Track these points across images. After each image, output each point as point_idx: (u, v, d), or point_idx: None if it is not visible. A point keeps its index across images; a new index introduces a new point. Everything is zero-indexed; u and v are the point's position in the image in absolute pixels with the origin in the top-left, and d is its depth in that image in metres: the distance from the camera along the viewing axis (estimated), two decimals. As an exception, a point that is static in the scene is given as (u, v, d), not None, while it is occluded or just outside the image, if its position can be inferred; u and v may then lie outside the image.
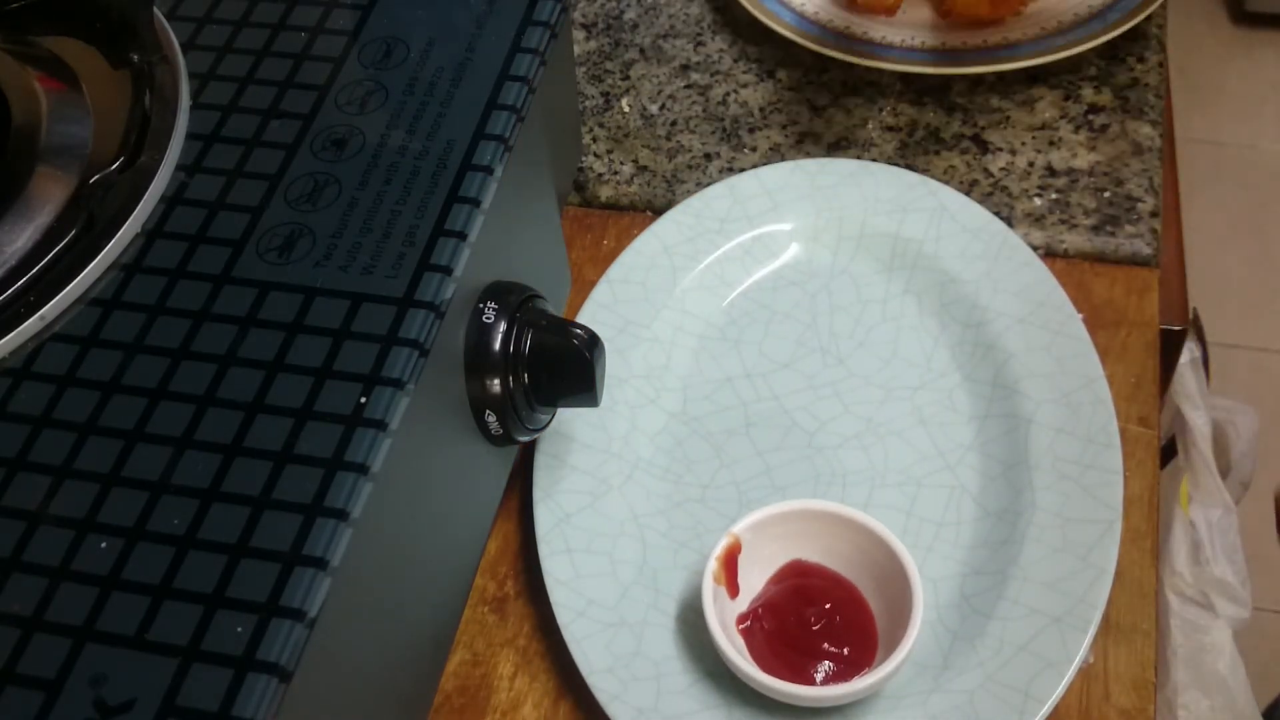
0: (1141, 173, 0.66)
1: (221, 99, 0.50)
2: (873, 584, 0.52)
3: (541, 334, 0.48)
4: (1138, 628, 0.53)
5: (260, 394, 0.41)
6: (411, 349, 0.42)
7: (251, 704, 0.35)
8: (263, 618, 0.36)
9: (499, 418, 0.48)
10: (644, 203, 0.69)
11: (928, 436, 0.58)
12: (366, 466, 0.39)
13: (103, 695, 0.35)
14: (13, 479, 0.40)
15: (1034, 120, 0.69)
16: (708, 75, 0.74)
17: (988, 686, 0.50)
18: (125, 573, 0.37)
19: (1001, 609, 0.52)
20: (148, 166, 0.47)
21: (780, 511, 0.53)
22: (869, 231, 0.63)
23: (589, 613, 0.54)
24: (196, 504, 0.39)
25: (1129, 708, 0.51)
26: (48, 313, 0.43)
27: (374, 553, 0.40)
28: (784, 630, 0.51)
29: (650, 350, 0.62)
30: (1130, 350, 0.61)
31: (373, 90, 0.49)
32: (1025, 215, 0.65)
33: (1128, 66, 0.71)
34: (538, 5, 0.52)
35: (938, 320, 0.61)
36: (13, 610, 0.37)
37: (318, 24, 0.52)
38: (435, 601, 0.48)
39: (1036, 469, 0.55)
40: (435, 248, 0.44)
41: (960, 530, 0.55)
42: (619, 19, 0.78)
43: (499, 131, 0.48)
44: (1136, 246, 0.64)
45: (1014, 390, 0.58)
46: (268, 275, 0.44)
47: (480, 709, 0.54)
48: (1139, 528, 0.55)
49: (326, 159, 0.47)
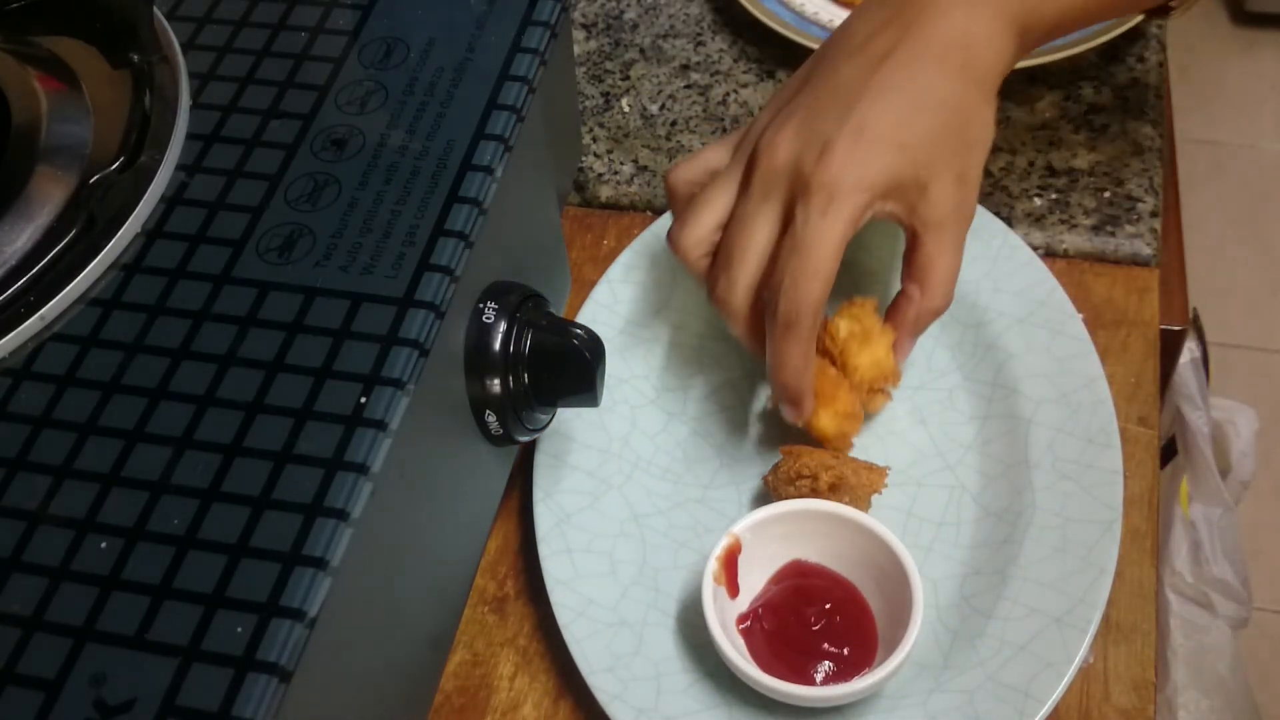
0: (1141, 173, 0.66)
1: (221, 99, 0.50)
2: (873, 584, 0.52)
3: (541, 334, 0.48)
4: (1138, 628, 0.53)
5: (260, 394, 0.41)
6: (411, 349, 0.42)
7: (251, 704, 0.35)
8: (263, 618, 0.36)
9: (499, 418, 0.48)
10: (644, 203, 0.69)
11: (928, 436, 0.58)
12: (366, 466, 0.39)
13: (103, 695, 0.35)
14: (13, 479, 0.40)
15: (1034, 120, 0.69)
16: (708, 75, 0.74)
17: (988, 686, 0.50)
18: (125, 573, 0.37)
19: (1001, 609, 0.52)
20: (148, 166, 0.47)
21: (780, 511, 0.53)
22: (868, 232, 0.63)
23: (589, 613, 0.54)
24: (196, 504, 0.39)
25: (1129, 708, 0.51)
26: (48, 313, 0.43)
27: (374, 553, 0.40)
28: (784, 630, 0.51)
29: (650, 350, 0.62)
30: (1130, 350, 0.61)
31: (373, 90, 0.49)
32: (1025, 215, 0.65)
33: (1128, 66, 0.71)
34: (538, 5, 0.52)
35: (938, 320, 0.61)
36: (13, 610, 0.37)
37: (318, 24, 0.52)
38: (435, 601, 0.48)
39: (1036, 469, 0.55)
40: (435, 248, 0.44)
41: (960, 530, 0.55)
42: (619, 19, 0.78)
43: (499, 131, 0.48)
44: (1136, 246, 0.64)
45: (1014, 390, 0.58)
46: (268, 275, 0.44)
47: (480, 709, 0.54)
48: (1139, 528, 0.55)
49: (326, 159, 0.47)
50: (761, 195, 0.52)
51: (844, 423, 0.55)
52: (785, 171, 0.52)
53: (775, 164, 0.52)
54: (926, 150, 0.51)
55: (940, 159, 0.52)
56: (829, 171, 0.50)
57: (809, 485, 0.53)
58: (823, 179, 0.50)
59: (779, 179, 0.52)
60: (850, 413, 0.55)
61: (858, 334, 0.56)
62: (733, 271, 0.53)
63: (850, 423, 0.55)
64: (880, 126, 0.51)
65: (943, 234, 0.53)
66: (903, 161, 0.51)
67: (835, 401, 0.55)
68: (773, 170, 0.52)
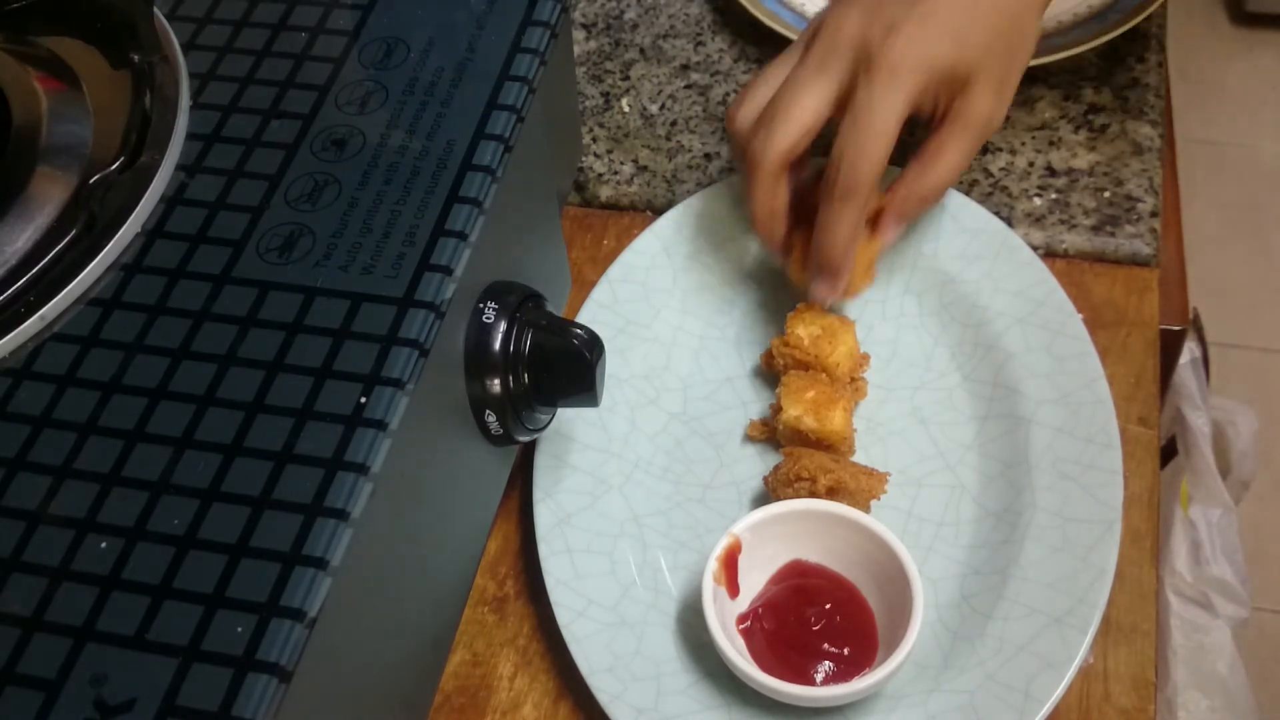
0: (1141, 173, 0.66)
1: (221, 99, 0.50)
2: (873, 584, 0.52)
3: (541, 334, 0.48)
4: (1138, 628, 0.53)
5: (260, 394, 0.41)
6: (411, 349, 0.42)
7: (251, 704, 0.35)
8: (263, 618, 0.36)
9: (499, 418, 0.48)
10: (644, 203, 0.69)
11: (928, 436, 0.58)
12: (366, 466, 0.39)
13: (103, 695, 0.35)
14: (13, 479, 0.40)
15: (1034, 120, 0.69)
16: (708, 75, 0.74)
17: (988, 686, 0.50)
18: (125, 573, 0.37)
19: (1001, 609, 0.52)
20: (148, 166, 0.47)
21: (780, 511, 0.53)
22: (869, 231, 0.63)
23: (589, 613, 0.54)
24: (196, 504, 0.39)
25: (1129, 708, 0.51)
26: (48, 313, 0.43)
27: (374, 553, 0.40)
28: (784, 630, 0.51)
29: (650, 350, 0.62)
30: (1130, 350, 0.61)
31: (373, 90, 0.49)
32: (1025, 215, 0.65)
33: (1128, 66, 0.71)
34: (538, 5, 0.52)
35: (938, 320, 0.61)
36: (13, 610, 0.37)
37: (318, 24, 0.52)
38: (435, 601, 0.48)
39: (1036, 469, 0.55)
40: (435, 248, 0.44)
41: (960, 530, 0.55)
42: (619, 19, 0.78)
43: (499, 131, 0.48)
44: (1136, 246, 0.64)
45: (1014, 390, 0.58)
46: (268, 275, 0.44)
47: (480, 709, 0.54)
48: (1139, 528, 0.55)
49: (326, 159, 0.47)
50: (819, 65, 0.55)
51: (845, 417, 0.56)
52: (849, 45, 0.54)
53: (840, 38, 0.54)
54: (981, 49, 0.54)
55: (990, 59, 0.54)
56: (895, 49, 0.53)
57: (807, 488, 0.53)
58: (889, 55, 0.53)
59: (842, 53, 0.54)
60: (848, 407, 0.56)
61: (822, 335, 0.58)
62: (774, 130, 0.55)
63: (846, 417, 0.56)
64: (946, 15, 0.53)
65: (966, 132, 0.55)
66: (959, 53, 0.54)
67: (838, 400, 0.56)
68: (836, 43, 0.54)
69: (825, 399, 0.55)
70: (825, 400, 0.55)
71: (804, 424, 0.55)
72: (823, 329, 0.58)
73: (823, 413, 0.55)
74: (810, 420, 0.55)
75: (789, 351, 0.58)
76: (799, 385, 0.56)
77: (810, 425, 0.55)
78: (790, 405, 0.56)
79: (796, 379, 0.57)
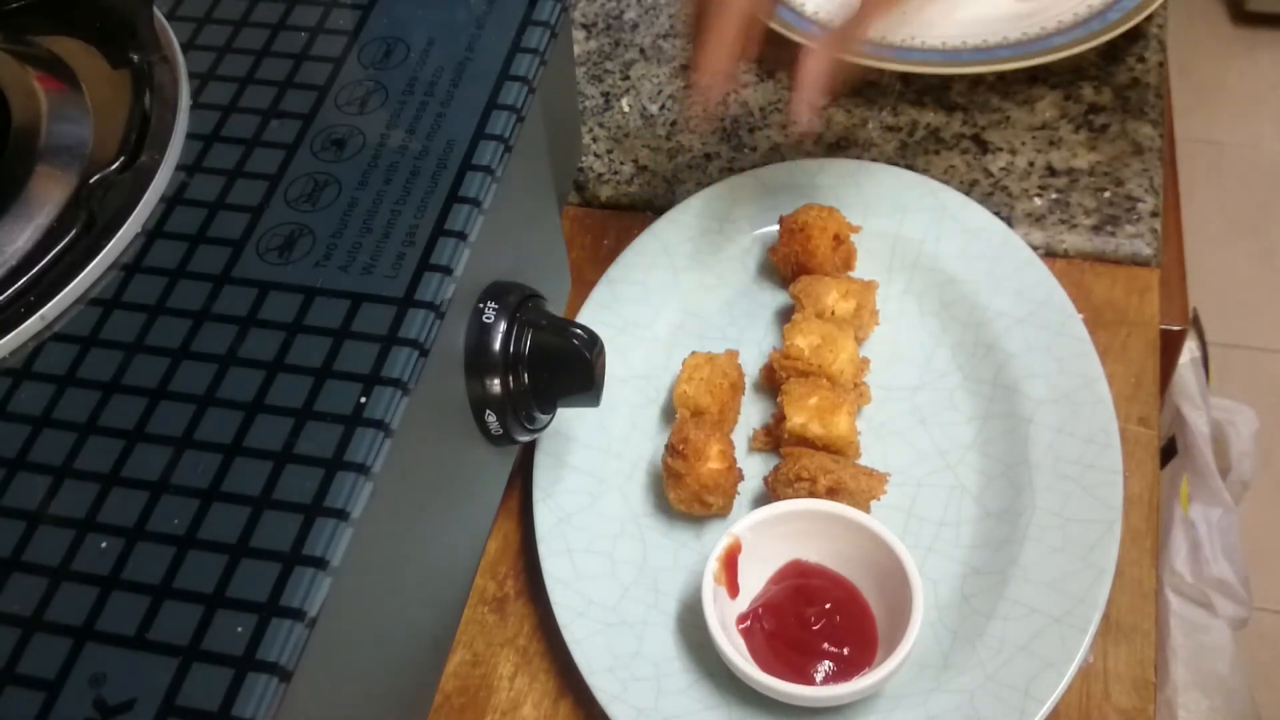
0: (1141, 173, 0.66)
1: (221, 99, 0.50)
2: (873, 584, 0.52)
3: (541, 334, 0.48)
4: (1138, 628, 0.53)
5: (260, 394, 0.41)
6: (411, 349, 0.42)
7: (251, 704, 0.35)
8: (263, 618, 0.36)
9: (499, 418, 0.48)
10: (644, 203, 0.69)
11: (928, 436, 0.58)
12: (366, 466, 0.39)
13: (103, 695, 0.35)
14: (13, 479, 0.40)
15: (1034, 120, 0.69)
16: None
17: (988, 686, 0.50)
18: (125, 573, 0.37)
19: (1001, 609, 0.52)
20: (148, 166, 0.47)
21: (780, 512, 0.53)
22: (869, 232, 0.63)
23: (589, 613, 0.54)
24: (196, 504, 0.38)
25: (1129, 708, 0.51)
26: (48, 313, 0.43)
27: (374, 553, 0.40)
28: (784, 630, 0.51)
29: (650, 350, 0.62)
30: (1130, 350, 0.61)
31: (373, 90, 0.49)
32: (1025, 215, 0.65)
33: (1128, 66, 0.71)
34: (538, 5, 0.52)
35: (938, 320, 0.61)
36: (13, 610, 0.37)
37: (318, 24, 0.52)
38: (435, 601, 0.48)
39: (1036, 469, 0.55)
40: (435, 248, 0.44)
41: (960, 530, 0.55)
42: (619, 19, 0.78)
43: (499, 131, 0.48)
44: (1136, 246, 0.64)
45: (1014, 390, 0.58)
46: (268, 275, 0.44)
47: (480, 709, 0.54)
48: (1139, 528, 0.55)
49: (326, 159, 0.47)
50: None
51: (850, 422, 0.56)
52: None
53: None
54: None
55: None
56: None
57: (807, 489, 0.53)
58: None
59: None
60: (852, 411, 0.56)
61: (822, 344, 0.57)
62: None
63: (850, 421, 0.56)
64: None
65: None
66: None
67: (842, 405, 0.55)
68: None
69: (829, 404, 0.55)
70: (829, 406, 0.55)
71: (810, 430, 0.55)
72: (822, 337, 0.57)
73: (827, 418, 0.55)
74: (816, 426, 0.55)
75: (790, 364, 0.57)
76: (801, 392, 0.56)
77: (816, 431, 0.55)
78: (795, 413, 0.55)
79: (798, 386, 0.56)
